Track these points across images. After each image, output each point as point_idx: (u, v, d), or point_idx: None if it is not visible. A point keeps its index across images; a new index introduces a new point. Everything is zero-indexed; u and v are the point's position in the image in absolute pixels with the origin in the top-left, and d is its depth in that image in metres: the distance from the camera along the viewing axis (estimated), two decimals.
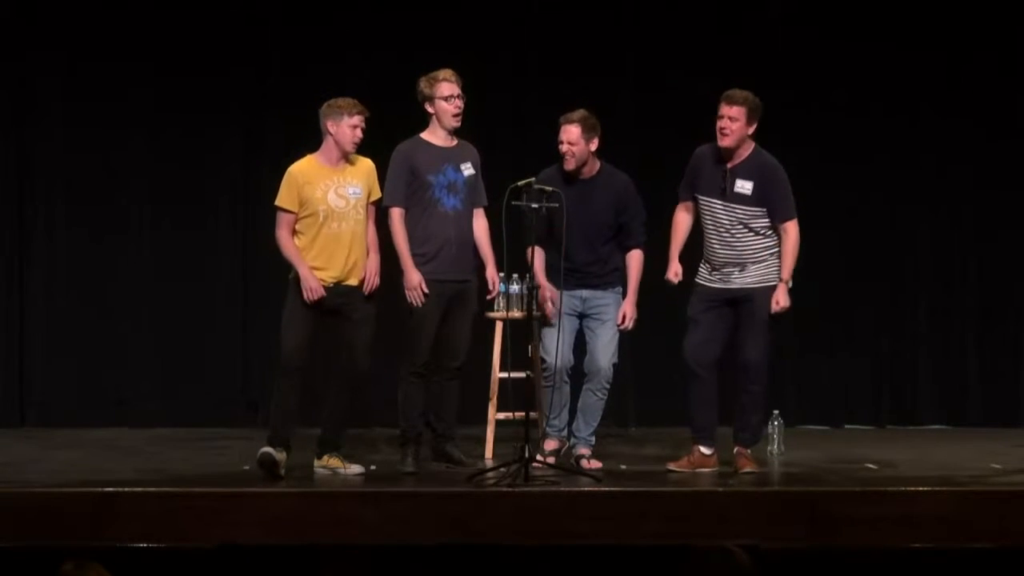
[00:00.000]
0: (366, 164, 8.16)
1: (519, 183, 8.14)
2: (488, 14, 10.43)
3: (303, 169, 8.07)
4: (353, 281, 8.08)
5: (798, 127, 10.57)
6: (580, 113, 8.29)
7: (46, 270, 10.51)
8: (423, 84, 8.28)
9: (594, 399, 8.37)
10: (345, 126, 8.01)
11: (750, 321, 8.15)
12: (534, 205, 8.09)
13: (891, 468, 8.52)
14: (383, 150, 8.44)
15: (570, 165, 8.28)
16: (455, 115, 8.24)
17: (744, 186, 8.10)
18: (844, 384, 10.74)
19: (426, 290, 8.14)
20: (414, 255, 8.18)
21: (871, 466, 8.57)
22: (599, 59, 10.38)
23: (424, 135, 8.32)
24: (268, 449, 7.93)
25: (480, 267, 8.40)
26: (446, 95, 8.22)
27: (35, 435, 9.96)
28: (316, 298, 7.96)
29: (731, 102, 8.07)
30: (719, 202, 8.14)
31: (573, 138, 8.26)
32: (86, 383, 10.45)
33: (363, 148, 8.23)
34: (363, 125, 8.03)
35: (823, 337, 10.69)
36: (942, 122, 10.68)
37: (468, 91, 8.29)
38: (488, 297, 8.44)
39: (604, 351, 8.34)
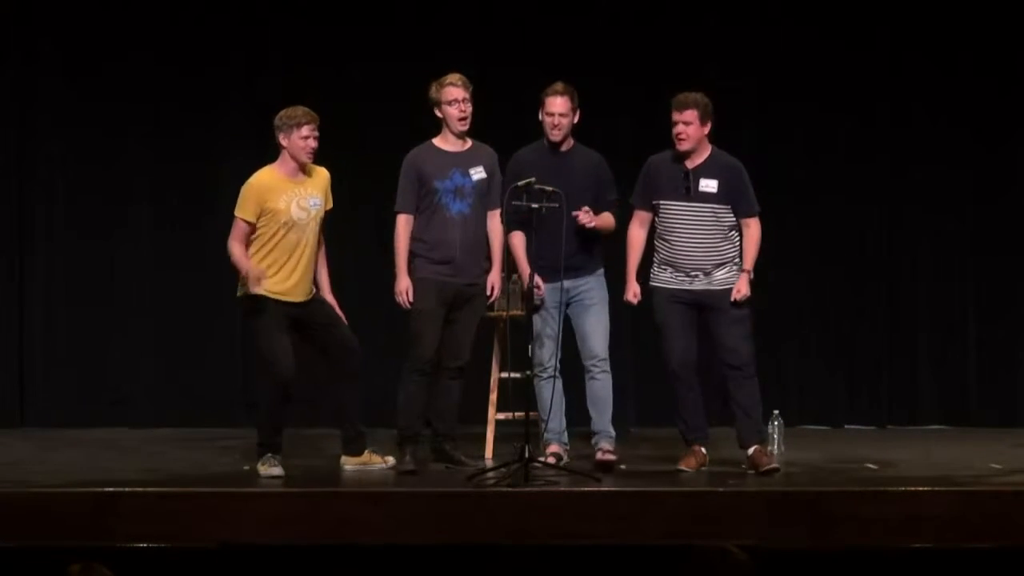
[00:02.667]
0: (323, 175, 8.17)
1: (519, 183, 8.14)
2: (489, 14, 10.44)
3: (264, 181, 8.05)
4: (304, 295, 8.11)
5: (798, 127, 10.58)
6: (562, 85, 8.35)
7: (46, 270, 10.52)
8: (433, 89, 8.29)
9: (598, 385, 8.33)
10: (296, 138, 7.99)
11: (728, 322, 8.16)
12: (534, 205, 8.09)
13: (891, 468, 8.52)
14: (385, 151, 8.45)
15: (558, 135, 8.32)
16: (461, 119, 8.26)
17: (709, 184, 8.14)
18: (844, 384, 10.74)
19: (411, 298, 8.16)
20: (423, 257, 8.21)
21: (871, 466, 8.57)
22: (599, 60, 10.38)
23: (435, 140, 8.35)
24: (272, 471, 7.98)
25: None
26: (451, 100, 8.23)
27: (35, 435, 9.96)
28: (263, 282, 7.92)
29: (681, 107, 8.14)
30: (683, 204, 8.16)
31: (564, 109, 8.31)
32: (86, 383, 10.45)
33: (370, 150, 8.27)
34: (315, 134, 8.00)
35: (823, 337, 10.69)
36: (942, 124, 10.68)
37: (473, 91, 8.30)
38: (488, 301, 8.43)
39: (595, 334, 8.31)
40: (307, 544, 6.44)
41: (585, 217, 8.20)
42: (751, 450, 8.19)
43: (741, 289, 8.14)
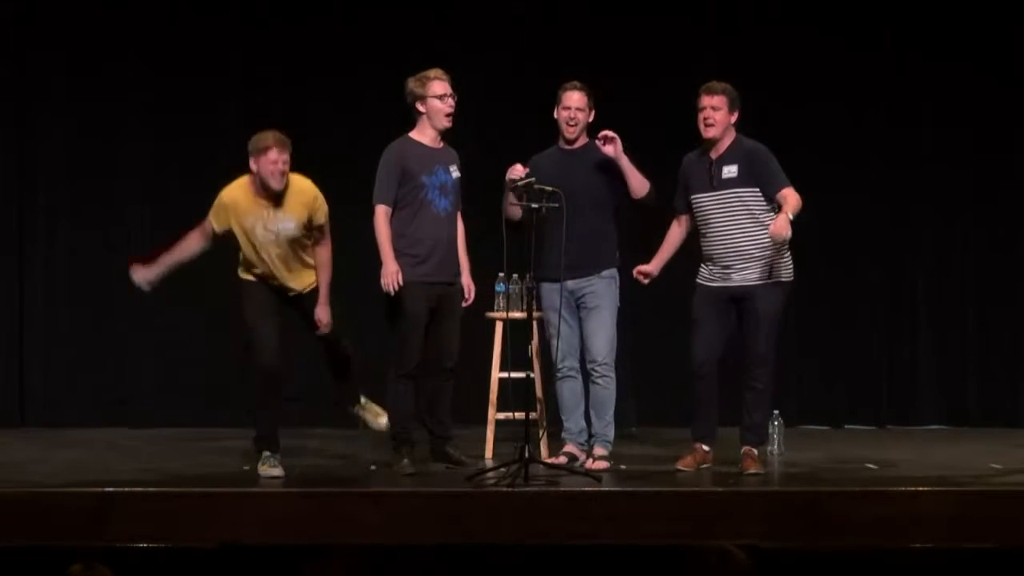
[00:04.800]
0: (306, 195, 8.07)
1: (519, 183, 8.13)
2: (486, 14, 10.44)
3: (235, 197, 8.05)
4: (300, 288, 8.15)
5: (798, 127, 10.58)
6: (578, 82, 8.37)
7: (46, 270, 10.52)
8: (413, 84, 8.20)
9: (598, 388, 8.33)
10: (265, 162, 7.95)
11: (754, 318, 8.14)
12: (534, 205, 8.08)
13: (891, 468, 8.52)
14: (378, 151, 8.43)
15: (573, 132, 8.31)
16: (448, 114, 8.18)
17: (730, 170, 8.15)
18: (844, 384, 10.75)
19: (401, 281, 8.04)
20: (406, 255, 8.11)
21: (871, 466, 8.57)
22: (598, 59, 10.38)
23: (413, 135, 8.24)
24: (272, 472, 7.97)
25: None
26: (439, 94, 8.16)
27: (35, 435, 9.96)
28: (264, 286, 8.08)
29: (712, 92, 8.18)
30: (709, 194, 8.16)
31: (581, 104, 8.32)
32: (86, 383, 10.45)
33: (360, 148, 8.25)
34: (283, 157, 7.94)
35: (823, 337, 10.70)
36: (943, 123, 10.69)
37: (463, 91, 8.28)
38: (464, 304, 8.38)
39: (596, 338, 8.30)
40: (307, 544, 6.44)
41: (610, 147, 8.14)
42: (742, 450, 8.20)
43: (779, 225, 7.91)
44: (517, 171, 8.11)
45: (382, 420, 8.40)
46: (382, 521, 7.19)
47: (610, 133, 8.19)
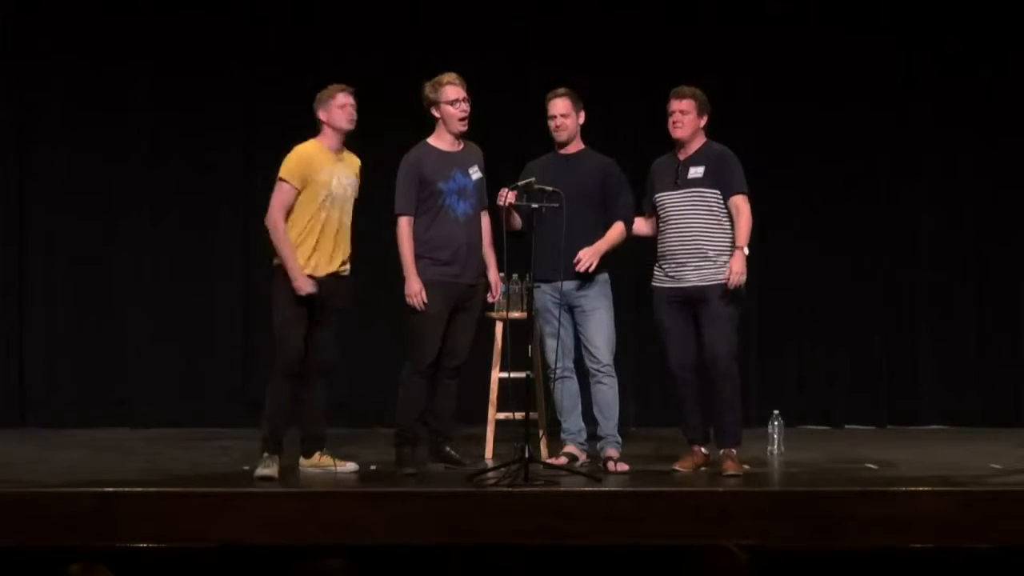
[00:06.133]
0: (356, 160, 8.20)
1: (519, 183, 8.13)
2: (489, 13, 10.44)
3: (309, 151, 8.03)
4: (341, 270, 8.09)
5: (798, 127, 10.58)
6: (564, 88, 8.43)
7: (46, 270, 10.52)
8: (428, 89, 8.22)
9: (603, 388, 8.34)
10: (334, 107, 8.02)
11: (710, 320, 8.13)
12: (534, 205, 8.08)
13: (891, 468, 8.52)
14: (385, 151, 8.43)
15: (562, 136, 8.37)
16: (461, 119, 8.20)
17: (696, 171, 8.20)
18: (844, 384, 10.74)
19: (425, 299, 8.08)
20: (427, 259, 8.14)
21: (871, 466, 8.57)
22: (599, 58, 10.39)
23: (431, 140, 8.27)
24: (265, 471, 7.93)
25: None
26: (452, 99, 8.17)
27: (35, 435, 9.96)
28: (308, 292, 7.91)
29: (680, 96, 8.26)
30: (672, 193, 8.20)
31: (565, 110, 8.37)
32: (86, 383, 10.45)
33: (367, 151, 8.26)
34: (351, 101, 8.03)
35: (823, 337, 10.70)
36: (944, 123, 10.69)
37: (469, 90, 8.27)
38: (490, 299, 8.42)
39: (598, 337, 8.31)
40: (307, 544, 6.44)
41: (584, 263, 8.22)
42: (720, 452, 8.20)
43: (735, 267, 8.06)
44: (509, 198, 8.14)
45: (348, 464, 8.29)
46: (382, 521, 7.19)
47: (581, 263, 8.23)
